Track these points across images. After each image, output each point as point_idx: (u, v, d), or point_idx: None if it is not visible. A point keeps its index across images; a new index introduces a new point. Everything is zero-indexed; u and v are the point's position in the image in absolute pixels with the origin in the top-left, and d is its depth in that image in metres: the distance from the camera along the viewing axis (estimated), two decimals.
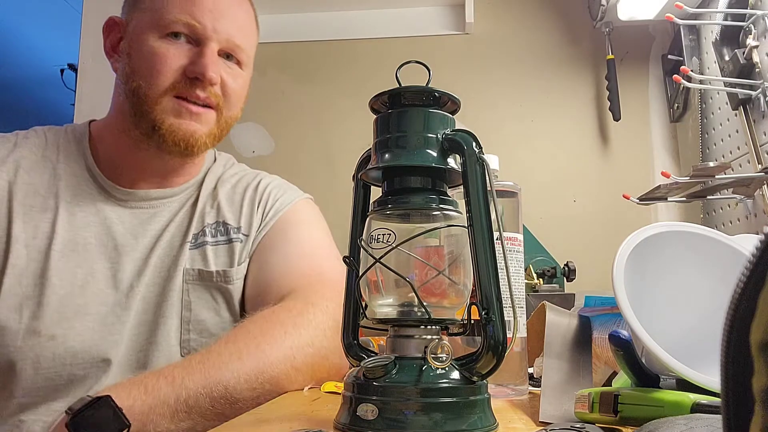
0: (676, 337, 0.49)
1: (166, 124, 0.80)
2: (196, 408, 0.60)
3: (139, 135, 0.83)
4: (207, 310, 0.84)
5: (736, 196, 1.24)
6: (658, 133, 1.80)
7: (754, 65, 1.17)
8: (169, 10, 0.80)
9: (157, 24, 0.80)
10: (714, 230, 0.55)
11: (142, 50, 0.80)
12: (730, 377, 0.18)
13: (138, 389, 0.59)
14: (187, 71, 0.80)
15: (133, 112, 0.81)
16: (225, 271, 0.85)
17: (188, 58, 0.80)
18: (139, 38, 0.81)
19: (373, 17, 1.95)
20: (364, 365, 0.44)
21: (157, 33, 0.80)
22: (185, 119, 0.81)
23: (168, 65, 0.79)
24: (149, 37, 0.80)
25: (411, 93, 0.48)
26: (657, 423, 0.35)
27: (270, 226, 0.90)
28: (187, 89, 0.80)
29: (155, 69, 0.79)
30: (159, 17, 0.80)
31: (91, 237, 0.82)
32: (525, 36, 1.89)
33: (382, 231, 0.48)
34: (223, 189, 0.93)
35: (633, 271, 0.51)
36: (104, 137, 0.88)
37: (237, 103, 0.87)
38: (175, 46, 0.80)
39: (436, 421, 0.42)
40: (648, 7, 1.58)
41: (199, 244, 0.87)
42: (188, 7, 0.80)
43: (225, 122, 0.86)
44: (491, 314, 0.44)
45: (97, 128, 0.90)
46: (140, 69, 0.80)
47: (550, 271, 1.38)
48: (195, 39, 0.81)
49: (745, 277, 0.18)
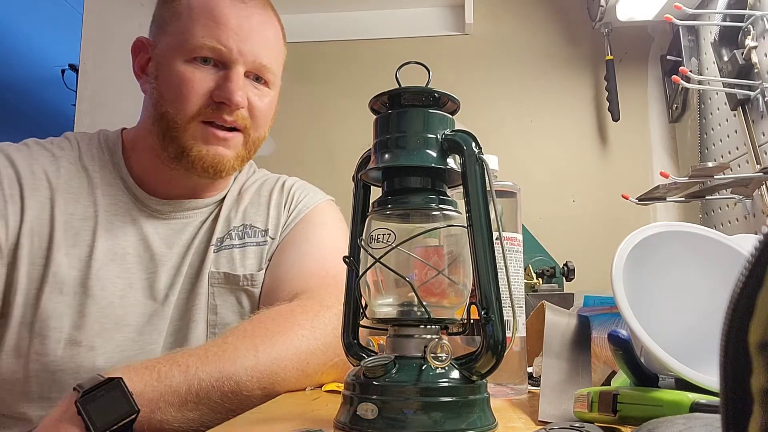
0: (675, 336, 0.49)
1: (195, 151, 0.80)
2: (206, 400, 0.60)
3: (167, 157, 0.83)
4: (232, 313, 0.85)
5: (735, 196, 1.24)
6: (657, 133, 1.80)
7: (753, 66, 1.17)
8: (195, 34, 0.79)
9: (183, 48, 0.80)
10: (713, 230, 0.55)
11: (169, 75, 0.80)
12: (728, 377, 0.18)
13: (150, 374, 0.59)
14: (214, 96, 0.79)
15: (162, 136, 0.82)
16: (252, 275, 0.86)
17: (215, 82, 0.80)
18: (166, 62, 0.81)
19: (373, 18, 1.95)
20: (364, 365, 0.44)
21: (183, 57, 0.80)
22: (213, 145, 0.81)
23: (195, 90, 0.79)
24: (175, 61, 0.80)
25: (411, 93, 0.48)
26: (656, 422, 0.36)
27: (292, 226, 0.91)
28: (214, 114, 0.80)
29: (182, 94, 0.79)
30: (184, 41, 0.80)
31: (130, 247, 0.83)
32: (524, 37, 1.89)
33: (382, 231, 0.48)
34: (247, 194, 0.93)
35: (632, 271, 0.51)
36: (136, 150, 0.88)
37: (264, 124, 0.87)
38: (201, 70, 0.80)
39: (435, 421, 0.42)
40: (647, 8, 1.59)
41: (224, 247, 0.87)
42: (213, 30, 0.79)
43: (252, 143, 0.86)
44: (490, 314, 0.44)
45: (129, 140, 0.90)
46: (167, 94, 0.80)
47: (549, 271, 1.38)
48: (221, 62, 0.81)
49: (744, 277, 0.18)
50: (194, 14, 0.80)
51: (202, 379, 0.60)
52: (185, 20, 0.81)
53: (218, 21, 0.80)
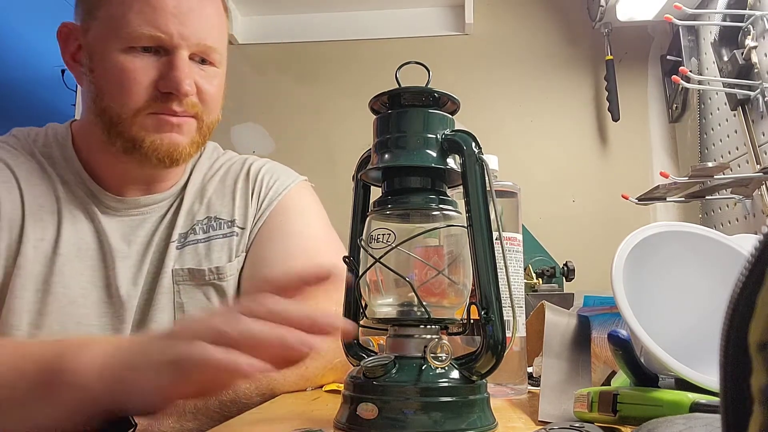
0: (675, 336, 0.49)
1: (148, 141, 0.75)
2: (204, 410, 0.59)
3: (116, 151, 0.78)
4: (201, 310, 0.82)
5: (735, 196, 1.24)
6: (656, 133, 1.80)
7: (753, 66, 1.17)
8: (130, 21, 0.72)
9: (118, 37, 0.73)
10: (713, 230, 0.55)
11: (106, 67, 0.74)
12: (728, 377, 0.18)
13: None
14: (160, 86, 0.73)
15: (107, 131, 0.76)
16: (218, 268, 0.82)
17: (158, 71, 0.74)
18: (100, 52, 0.74)
19: (373, 18, 1.95)
20: (364, 364, 0.44)
21: (119, 46, 0.73)
22: (167, 132, 0.76)
23: (137, 82, 0.73)
24: (111, 51, 0.73)
25: (411, 93, 0.48)
26: (656, 422, 0.36)
27: (266, 216, 0.86)
28: (163, 106, 0.74)
29: (124, 88, 0.73)
30: (119, 29, 0.73)
31: (92, 242, 0.80)
32: (524, 37, 1.89)
33: (382, 231, 0.48)
34: (211, 184, 0.88)
35: (632, 271, 0.51)
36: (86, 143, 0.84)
37: (216, 106, 0.82)
38: (141, 59, 0.73)
39: (435, 420, 0.42)
40: (647, 8, 1.58)
41: (189, 243, 0.83)
42: (150, 15, 0.73)
43: (207, 128, 0.81)
44: (490, 314, 0.44)
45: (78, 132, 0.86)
46: (108, 88, 0.74)
47: (549, 271, 1.38)
48: (162, 49, 0.74)
49: (744, 277, 0.18)
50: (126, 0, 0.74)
51: None
52: (116, 5, 0.74)
53: (154, 5, 0.73)
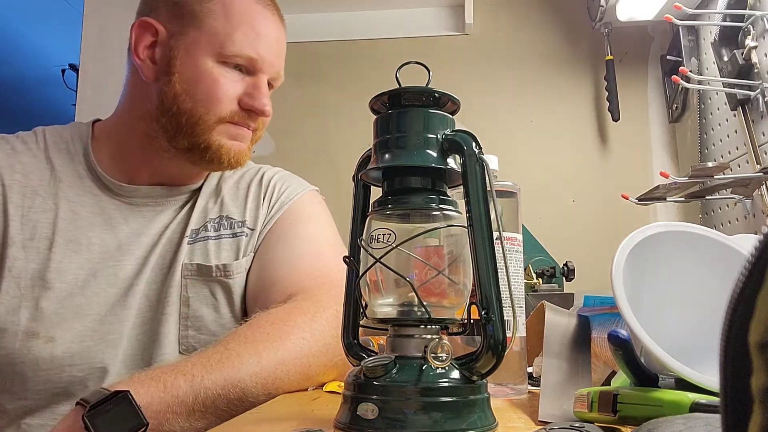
0: (675, 336, 0.49)
1: (224, 147, 0.82)
2: (212, 408, 0.60)
3: (169, 147, 0.83)
4: (206, 306, 0.83)
5: (735, 196, 1.24)
6: (657, 133, 1.80)
7: (753, 66, 1.17)
8: (234, 40, 0.80)
9: (219, 50, 0.80)
10: (713, 230, 0.55)
11: (198, 72, 0.80)
12: (728, 377, 0.18)
13: (156, 386, 0.58)
14: (243, 103, 0.82)
15: (175, 128, 0.81)
16: (225, 265, 0.84)
17: (243, 88, 0.82)
18: (193, 58, 0.81)
19: (372, 18, 1.95)
20: (364, 365, 0.44)
21: (216, 58, 0.80)
22: (237, 141, 0.84)
23: (227, 94, 0.81)
24: (206, 59, 0.80)
25: (411, 93, 0.48)
26: (656, 422, 0.36)
27: (275, 219, 0.90)
28: (242, 119, 0.83)
29: (215, 96, 0.80)
30: (221, 44, 0.80)
31: (95, 237, 0.82)
32: (524, 37, 1.90)
33: (382, 231, 0.48)
34: (226, 185, 0.93)
35: (632, 271, 0.51)
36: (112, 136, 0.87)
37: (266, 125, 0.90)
38: (231, 74, 0.81)
39: (436, 421, 0.42)
40: (647, 8, 1.59)
41: (200, 239, 0.86)
42: (253, 39, 0.81)
43: (256, 140, 0.89)
44: (491, 314, 0.44)
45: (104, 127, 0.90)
46: (194, 91, 0.80)
47: (549, 271, 1.38)
48: (248, 69, 0.83)
49: (744, 277, 0.18)
50: (233, 19, 0.81)
51: (208, 388, 0.60)
52: (222, 22, 0.81)
53: (258, 32, 0.82)
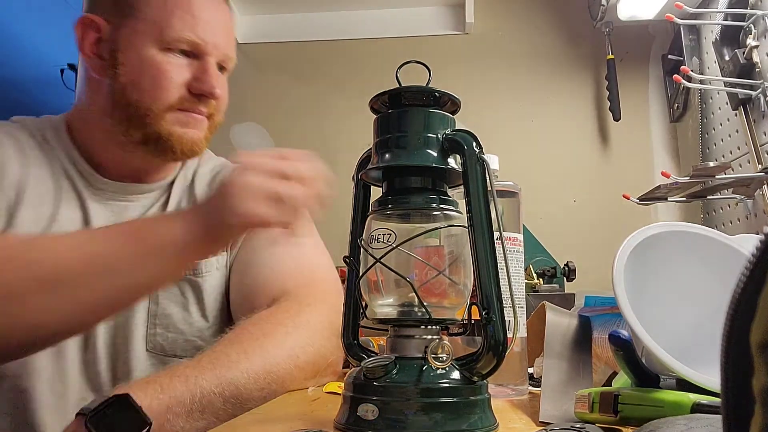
0: (676, 337, 0.49)
1: (175, 136, 0.81)
2: (210, 407, 0.60)
3: (126, 140, 0.82)
4: (174, 304, 0.83)
5: (736, 196, 1.24)
6: (658, 133, 1.80)
7: (754, 65, 1.17)
8: (173, 25, 0.79)
9: (159, 38, 0.79)
10: (714, 230, 0.55)
11: (142, 62, 0.79)
12: (730, 377, 0.18)
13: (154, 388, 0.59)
14: (193, 88, 0.80)
15: (127, 121, 0.80)
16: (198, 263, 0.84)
17: (191, 73, 0.81)
18: (136, 49, 0.80)
19: (373, 17, 1.95)
20: (364, 365, 0.44)
21: (158, 46, 0.79)
22: (190, 128, 0.82)
23: (172, 81, 0.79)
24: (148, 49, 0.79)
25: (411, 93, 0.48)
26: (657, 423, 0.35)
27: None
28: (192, 105, 0.81)
29: (160, 84, 0.79)
30: (160, 31, 0.79)
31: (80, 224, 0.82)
32: (525, 36, 1.89)
33: (382, 231, 0.48)
34: (200, 181, 0.92)
35: (633, 271, 0.51)
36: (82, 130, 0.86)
37: (224, 109, 0.88)
38: (176, 60, 0.80)
39: (436, 421, 0.42)
40: (648, 7, 1.58)
41: None
42: (190, 22, 0.80)
43: (214, 127, 0.87)
44: (491, 314, 0.44)
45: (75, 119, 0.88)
46: (140, 82, 0.79)
47: (550, 271, 1.38)
48: (194, 54, 0.81)
49: (745, 278, 0.18)
50: (168, 5, 0.80)
51: (203, 387, 0.60)
52: (158, 9, 0.80)
53: (194, 14, 0.81)
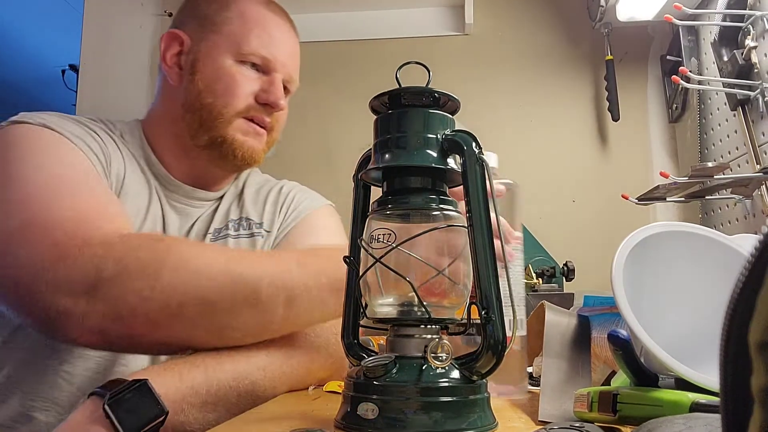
0: (675, 336, 0.49)
1: (231, 138, 0.88)
2: (224, 401, 0.61)
3: (195, 145, 0.89)
4: None
5: (735, 196, 1.24)
6: (656, 133, 1.80)
7: (753, 66, 1.17)
8: (250, 41, 0.89)
9: (235, 51, 0.88)
10: (713, 230, 0.55)
11: (217, 71, 0.88)
12: (728, 377, 0.18)
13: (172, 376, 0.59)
14: (259, 98, 0.89)
15: (198, 124, 0.88)
16: None
17: (259, 85, 0.89)
18: (213, 59, 0.89)
19: (372, 18, 1.95)
20: (364, 364, 0.44)
21: (234, 58, 0.88)
22: (251, 137, 0.90)
23: (243, 89, 0.88)
24: (225, 59, 0.88)
25: (411, 93, 0.48)
26: (656, 422, 0.36)
27: (291, 227, 0.95)
28: (257, 113, 0.89)
29: (232, 91, 0.87)
30: (238, 45, 0.89)
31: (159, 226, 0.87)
32: (524, 37, 1.89)
33: (382, 231, 0.48)
34: (248, 191, 0.99)
35: (632, 271, 0.51)
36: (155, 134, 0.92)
37: (282, 128, 0.96)
38: (247, 72, 0.89)
39: (436, 420, 0.42)
40: (647, 8, 1.58)
41: (221, 237, 0.91)
42: (266, 41, 0.90)
43: (271, 143, 0.94)
44: (491, 314, 0.44)
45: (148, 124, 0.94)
46: (215, 88, 0.87)
47: (549, 271, 1.38)
48: (264, 69, 0.90)
49: (744, 277, 0.18)
50: (248, 24, 0.90)
51: (220, 380, 0.61)
52: (238, 26, 0.90)
53: (270, 33, 0.91)
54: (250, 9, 0.92)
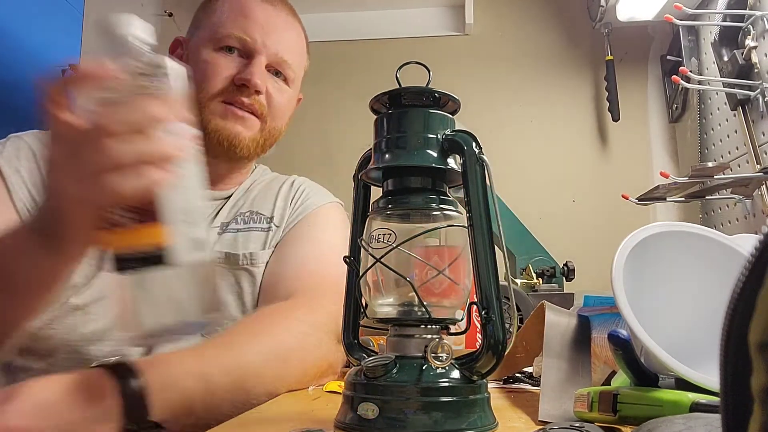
0: (675, 336, 0.49)
1: (212, 125, 0.85)
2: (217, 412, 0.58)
3: None
4: (231, 294, 0.86)
5: (735, 196, 1.24)
6: (657, 133, 1.80)
7: (753, 66, 1.17)
8: (224, 24, 0.88)
9: (212, 38, 0.88)
10: (713, 230, 0.55)
11: (198, 62, 0.87)
12: (728, 377, 0.19)
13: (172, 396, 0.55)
14: (235, 79, 0.86)
15: None
16: (252, 254, 0.87)
17: (237, 68, 0.87)
18: (196, 52, 0.89)
19: (372, 18, 1.95)
20: (364, 364, 0.44)
21: (212, 46, 0.87)
22: (230, 121, 0.86)
23: (218, 73, 0.86)
24: (205, 50, 0.88)
25: (411, 93, 0.48)
26: (656, 422, 0.36)
27: (297, 221, 0.93)
28: (233, 95, 0.86)
29: (207, 77, 0.86)
30: (214, 32, 0.88)
31: None
32: (524, 37, 1.89)
33: (382, 231, 0.48)
34: (258, 186, 0.98)
35: (632, 271, 0.51)
36: None
37: (281, 116, 0.93)
38: (226, 57, 0.87)
39: (436, 420, 0.42)
40: (647, 8, 1.58)
41: (229, 231, 0.90)
42: (241, 21, 0.87)
43: (269, 132, 0.91)
44: (491, 314, 0.44)
45: None
46: (193, 78, 0.84)
47: (549, 271, 1.38)
48: (246, 53, 0.88)
49: (744, 277, 0.18)
50: (226, 10, 0.89)
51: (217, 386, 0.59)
52: (218, 16, 0.89)
53: (247, 15, 0.88)
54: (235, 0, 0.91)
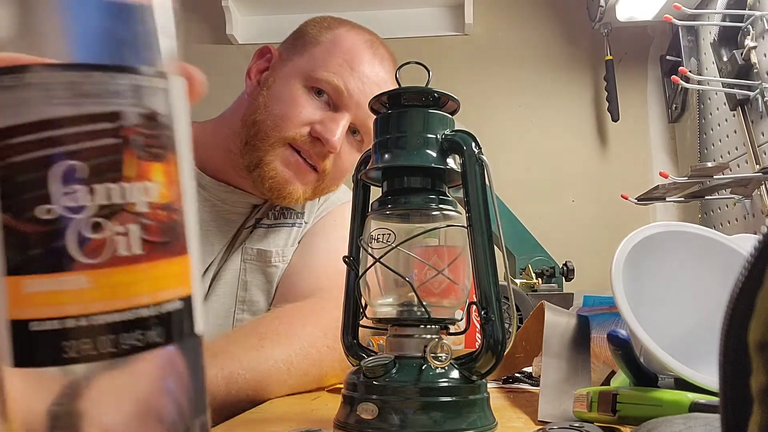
0: (675, 336, 0.49)
1: (271, 167, 0.80)
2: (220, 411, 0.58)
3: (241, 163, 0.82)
4: (261, 291, 0.86)
5: (734, 196, 1.24)
6: (656, 133, 1.80)
7: (752, 66, 1.17)
8: (326, 66, 0.80)
9: (308, 74, 0.81)
10: (712, 230, 0.55)
11: (283, 91, 0.81)
12: (728, 377, 0.19)
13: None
14: (313, 130, 0.79)
15: (245, 141, 0.81)
16: (283, 250, 0.87)
17: (320, 116, 0.80)
18: (286, 79, 0.82)
19: (373, 18, 1.95)
20: (364, 364, 0.44)
21: (304, 82, 0.81)
22: (290, 171, 0.81)
23: (300, 116, 0.79)
24: (295, 81, 0.81)
25: (411, 93, 0.48)
26: (655, 422, 0.36)
27: (320, 216, 0.92)
28: (306, 145, 0.80)
29: (287, 114, 0.79)
30: (313, 68, 0.81)
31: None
32: (524, 37, 1.90)
33: (381, 231, 0.48)
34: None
35: (631, 271, 0.51)
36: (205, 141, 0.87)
37: (339, 179, 0.88)
38: (314, 101, 0.80)
39: (435, 420, 0.42)
40: (646, 8, 1.59)
41: (260, 226, 0.88)
42: (344, 71, 0.80)
43: (321, 190, 0.86)
44: (490, 314, 0.44)
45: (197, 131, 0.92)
46: (273, 107, 0.80)
47: (548, 271, 1.38)
48: (335, 103, 0.81)
49: (743, 277, 0.18)
50: (335, 49, 0.82)
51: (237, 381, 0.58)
52: (324, 50, 0.82)
53: (353, 67, 0.81)
54: (346, 38, 0.84)
